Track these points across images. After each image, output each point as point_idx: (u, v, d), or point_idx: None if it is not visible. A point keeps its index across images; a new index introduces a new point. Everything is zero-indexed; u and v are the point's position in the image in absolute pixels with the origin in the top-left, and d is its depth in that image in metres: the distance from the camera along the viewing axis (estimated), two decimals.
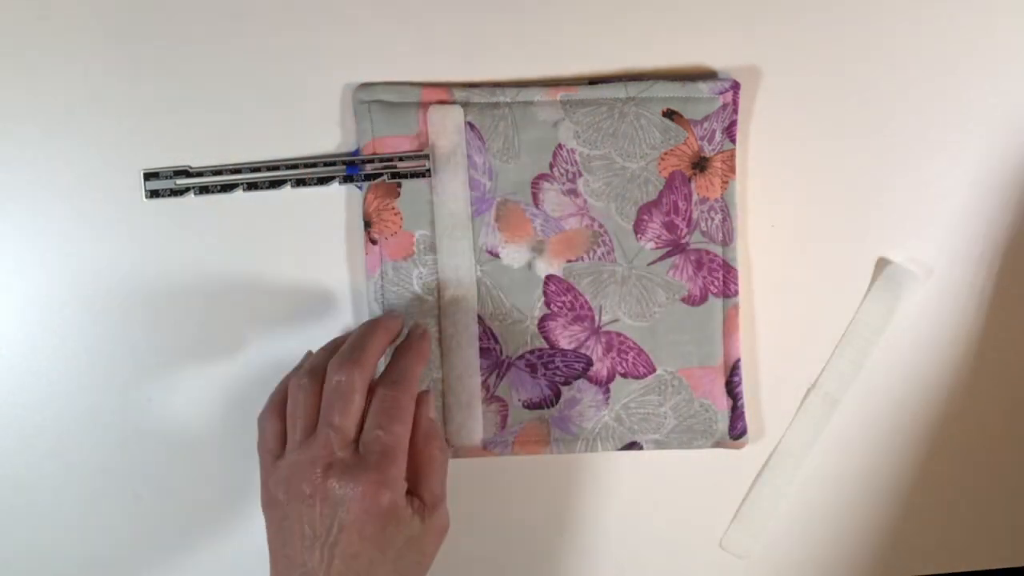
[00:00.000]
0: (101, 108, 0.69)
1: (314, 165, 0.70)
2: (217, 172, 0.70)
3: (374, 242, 0.70)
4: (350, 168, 0.70)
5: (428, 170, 0.70)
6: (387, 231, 0.71)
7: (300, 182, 0.70)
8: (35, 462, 0.72)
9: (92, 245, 0.71)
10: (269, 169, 0.70)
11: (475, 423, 0.72)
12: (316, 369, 0.63)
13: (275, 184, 0.70)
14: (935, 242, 0.73)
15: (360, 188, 0.70)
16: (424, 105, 0.70)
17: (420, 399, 0.65)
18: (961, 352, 0.75)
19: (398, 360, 0.66)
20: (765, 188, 0.72)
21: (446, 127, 0.70)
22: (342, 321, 0.72)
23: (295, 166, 0.70)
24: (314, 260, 0.72)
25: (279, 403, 0.65)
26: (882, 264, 0.73)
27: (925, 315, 0.74)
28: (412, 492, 0.63)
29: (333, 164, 0.70)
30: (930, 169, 0.73)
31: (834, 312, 0.74)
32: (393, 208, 0.70)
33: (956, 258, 0.74)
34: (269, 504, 0.62)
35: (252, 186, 0.70)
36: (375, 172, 0.70)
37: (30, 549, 0.72)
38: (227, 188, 0.70)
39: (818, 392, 0.74)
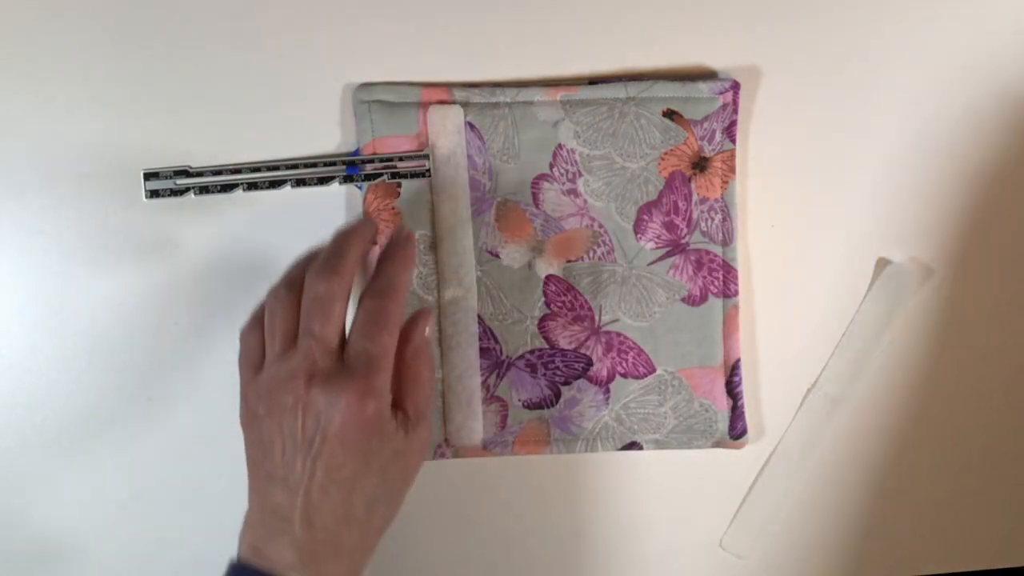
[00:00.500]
0: (101, 108, 0.69)
1: (314, 165, 0.70)
2: (217, 172, 0.70)
3: (375, 243, 0.70)
4: (350, 168, 0.70)
5: (428, 170, 0.70)
6: (387, 231, 0.71)
7: (300, 182, 0.70)
8: (35, 462, 0.72)
9: (92, 245, 0.71)
10: (269, 169, 0.70)
11: (475, 423, 0.72)
12: (293, 280, 0.62)
13: (275, 184, 0.70)
14: (935, 242, 0.73)
15: (360, 188, 0.70)
16: (424, 105, 0.70)
17: (417, 315, 0.64)
18: (961, 352, 0.75)
19: (384, 268, 0.64)
20: (765, 188, 0.72)
21: (446, 127, 0.70)
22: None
23: (295, 166, 0.70)
24: None
25: (261, 318, 0.63)
26: (882, 264, 0.73)
27: (925, 315, 0.74)
28: (396, 405, 0.61)
29: (333, 164, 0.70)
30: (930, 169, 0.73)
31: (834, 312, 0.74)
32: (393, 208, 0.70)
33: (956, 258, 0.74)
34: (249, 420, 0.61)
35: (252, 186, 0.70)
36: (375, 172, 0.70)
37: (30, 549, 0.72)
38: (227, 188, 0.70)
39: (818, 392, 0.74)
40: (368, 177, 0.70)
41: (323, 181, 0.70)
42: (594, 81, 0.70)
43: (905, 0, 0.71)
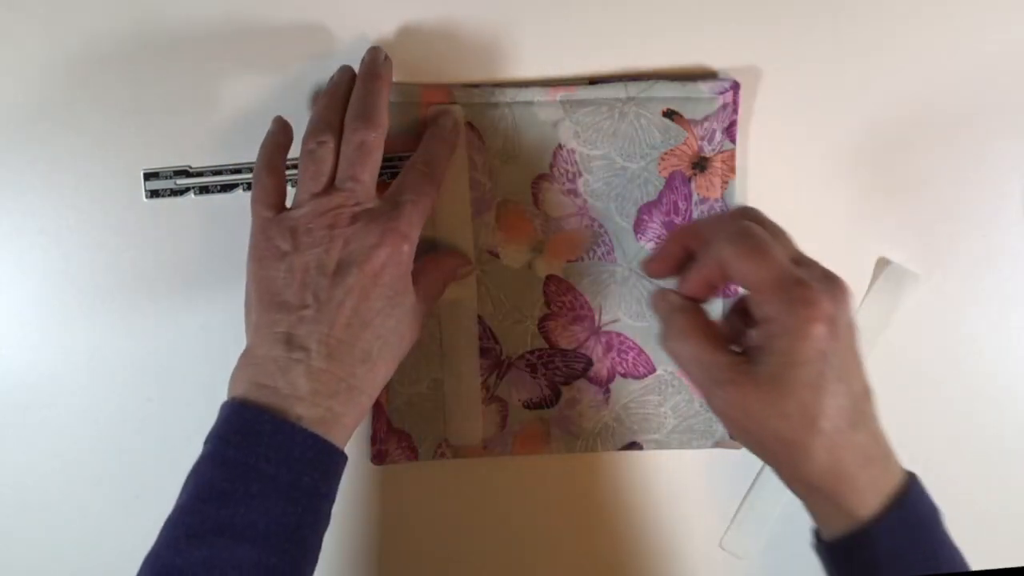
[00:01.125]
0: (102, 108, 0.69)
1: None
2: (217, 172, 0.70)
3: None
4: None
5: None
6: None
7: None
8: (35, 462, 0.72)
9: (92, 245, 0.71)
10: None
11: (475, 423, 0.72)
12: (332, 125, 0.63)
13: None
14: (935, 242, 0.74)
15: None
16: (424, 105, 0.69)
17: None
18: (961, 352, 0.75)
19: (429, 145, 0.67)
20: (765, 188, 0.72)
21: (448, 128, 0.69)
22: None
23: (295, 166, 0.70)
24: None
25: (276, 160, 0.65)
26: (882, 264, 0.73)
27: (925, 315, 0.74)
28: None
29: None
30: (930, 169, 0.73)
31: None
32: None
33: (956, 258, 0.74)
34: (264, 256, 0.61)
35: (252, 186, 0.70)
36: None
37: (30, 549, 0.72)
38: (227, 188, 0.70)
39: None
40: None
41: None
42: (594, 81, 0.70)
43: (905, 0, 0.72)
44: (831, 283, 0.55)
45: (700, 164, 0.70)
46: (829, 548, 0.59)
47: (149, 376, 0.71)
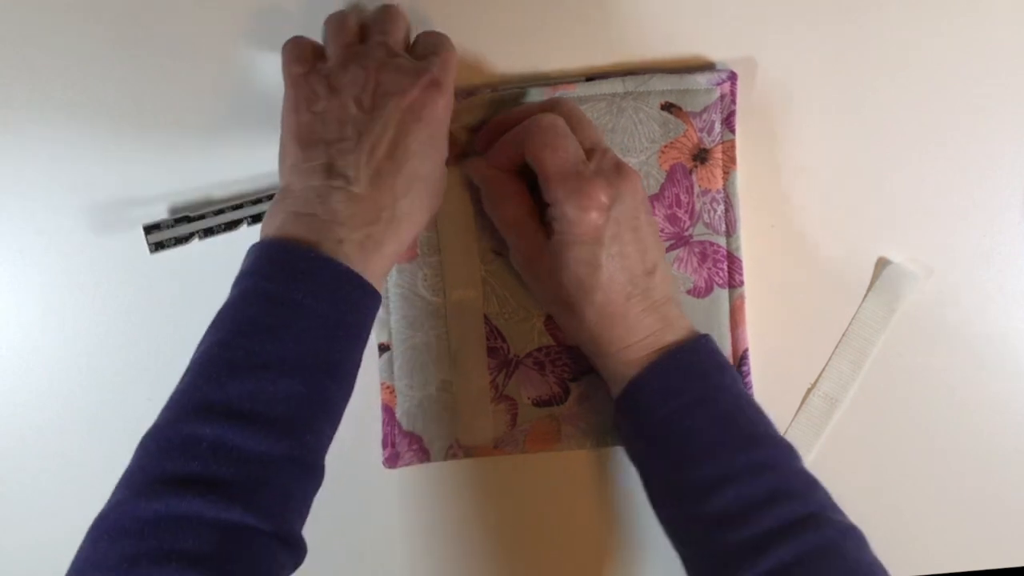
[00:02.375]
0: (102, 109, 0.70)
1: None
2: (219, 212, 0.70)
3: None
4: None
5: None
6: None
7: None
8: (35, 462, 0.71)
9: (92, 244, 0.71)
10: (271, 199, 0.70)
11: (485, 422, 0.71)
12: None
13: None
14: (935, 242, 0.74)
15: None
16: None
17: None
18: (961, 352, 0.75)
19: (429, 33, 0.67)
20: (765, 187, 0.73)
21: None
22: None
23: (269, 197, 0.70)
24: None
25: (301, 39, 0.65)
26: (882, 264, 0.74)
27: (925, 315, 0.74)
28: None
29: None
30: (930, 168, 0.73)
31: (834, 312, 0.74)
32: None
33: (956, 258, 0.74)
34: (302, 104, 0.62)
35: (256, 219, 0.70)
36: None
37: (30, 549, 0.71)
38: (232, 226, 0.70)
39: (818, 392, 0.74)
40: None
41: None
42: (591, 78, 0.70)
43: None
44: (615, 173, 0.62)
45: (701, 156, 0.71)
46: (616, 404, 0.65)
47: (149, 376, 0.71)
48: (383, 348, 0.71)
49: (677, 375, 0.62)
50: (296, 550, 0.56)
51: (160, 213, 0.71)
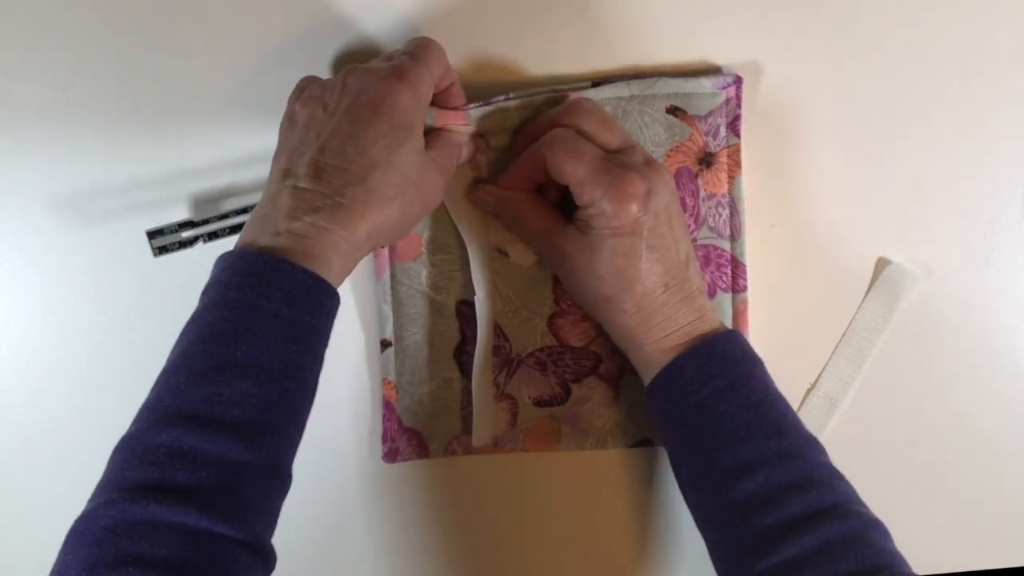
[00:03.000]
0: (102, 109, 0.69)
1: None
2: (223, 216, 0.69)
3: (381, 245, 0.70)
4: None
5: None
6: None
7: None
8: (35, 462, 0.71)
9: (91, 245, 0.70)
10: None
11: (487, 421, 0.71)
12: None
13: None
14: (935, 242, 0.74)
15: None
16: (440, 127, 0.68)
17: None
18: (961, 352, 0.75)
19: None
20: (765, 187, 0.73)
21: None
22: (347, 319, 0.73)
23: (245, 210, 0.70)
24: None
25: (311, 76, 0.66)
26: (882, 264, 0.74)
27: (925, 315, 0.74)
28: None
29: None
30: (931, 168, 0.73)
31: (834, 312, 0.74)
32: None
33: (956, 258, 0.74)
34: (284, 125, 0.64)
35: None
36: None
37: (30, 549, 0.71)
38: (236, 229, 0.69)
39: (818, 392, 0.74)
40: None
41: None
42: (597, 82, 0.70)
43: None
44: (648, 167, 0.63)
45: (706, 160, 0.71)
46: (649, 390, 0.66)
47: (149, 376, 0.70)
48: (385, 344, 0.71)
49: (710, 362, 0.63)
50: (262, 555, 0.55)
51: (161, 213, 0.70)
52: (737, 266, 0.71)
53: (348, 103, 0.60)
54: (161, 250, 0.69)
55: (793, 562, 0.57)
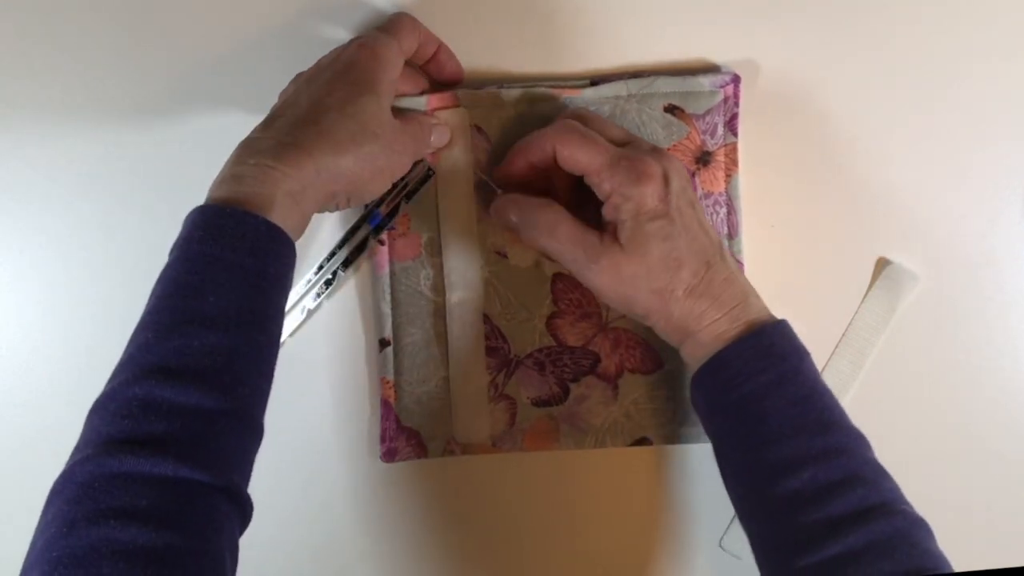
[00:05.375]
0: (101, 109, 0.70)
1: (345, 242, 0.71)
2: None
3: (381, 243, 0.70)
4: (372, 220, 0.71)
5: (430, 169, 0.70)
6: (395, 232, 0.71)
7: (347, 263, 0.72)
8: (35, 462, 0.70)
9: (92, 245, 0.71)
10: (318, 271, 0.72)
11: (482, 423, 0.71)
12: None
13: (328, 283, 0.72)
14: (935, 242, 0.74)
15: (391, 229, 0.71)
16: (431, 110, 0.70)
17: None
18: (961, 352, 0.75)
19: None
20: (765, 187, 0.73)
21: (452, 130, 0.70)
22: (346, 318, 0.73)
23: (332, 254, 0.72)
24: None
25: None
26: (882, 264, 0.74)
27: (925, 315, 0.74)
28: None
29: (357, 229, 0.71)
30: (930, 168, 0.73)
31: (834, 312, 0.74)
32: (404, 213, 0.71)
33: (956, 258, 0.74)
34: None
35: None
36: (393, 206, 0.71)
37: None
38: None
39: None
40: (391, 215, 0.70)
41: (360, 249, 0.71)
42: (595, 82, 0.70)
43: None
44: (657, 152, 0.64)
45: (703, 158, 0.71)
46: (696, 381, 0.65)
47: None
48: (383, 343, 0.72)
49: (758, 355, 0.62)
50: (240, 504, 0.55)
51: (161, 214, 0.70)
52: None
53: (313, 73, 0.63)
54: None
55: (836, 561, 0.57)
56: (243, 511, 0.55)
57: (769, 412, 0.61)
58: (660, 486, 0.74)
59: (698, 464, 0.74)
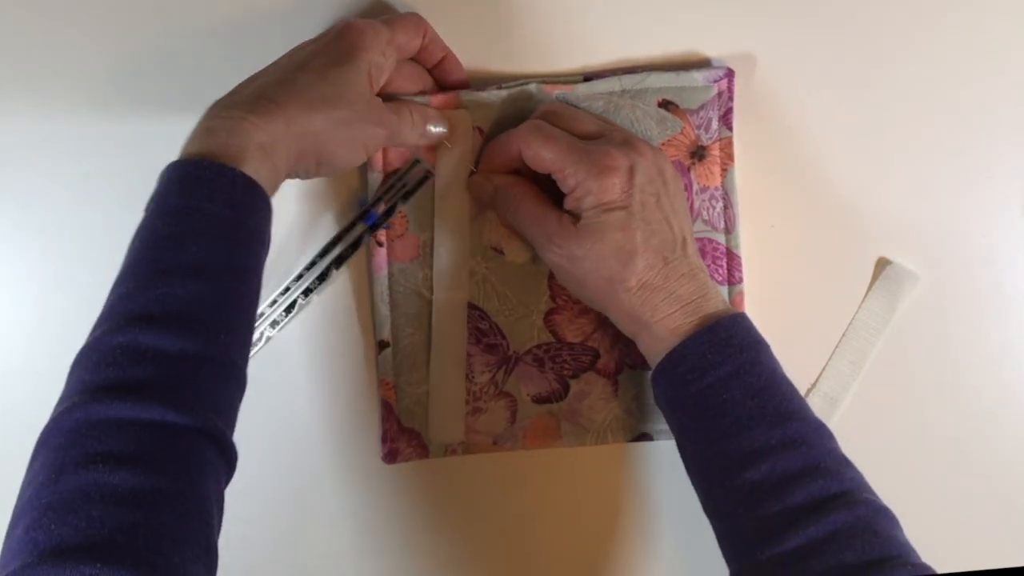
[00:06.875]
0: (101, 110, 0.70)
1: (338, 239, 0.71)
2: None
3: (380, 244, 0.71)
4: (368, 219, 0.71)
5: (429, 171, 0.71)
6: (393, 233, 0.71)
7: (340, 260, 0.71)
8: None
9: (92, 245, 0.71)
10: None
11: (456, 424, 0.71)
12: None
13: (322, 278, 0.71)
14: (935, 242, 0.74)
15: (387, 228, 0.71)
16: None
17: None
18: (961, 352, 0.75)
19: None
20: (764, 185, 0.73)
21: (454, 131, 0.70)
22: (346, 319, 0.73)
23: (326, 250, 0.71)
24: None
25: None
26: (882, 264, 0.74)
27: (925, 315, 0.74)
28: None
29: (352, 227, 0.71)
30: (930, 168, 0.73)
31: (834, 312, 0.74)
32: (400, 211, 0.71)
33: (956, 258, 0.74)
34: None
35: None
36: (389, 205, 0.71)
37: None
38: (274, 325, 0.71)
39: (818, 393, 0.74)
40: (387, 214, 0.71)
41: (355, 247, 0.71)
42: (589, 77, 0.71)
43: None
44: (627, 145, 0.65)
45: (698, 153, 0.71)
46: (654, 377, 0.65)
47: None
48: (383, 345, 0.71)
49: (715, 348, 0.62)
50: (226, 451, 0.55)
51: None
52: (732, 258, 0.72)
53: (298, 47, 0.64)
54: None
55: (798, 552, 0.56)
56: (228, 459, 0.55)
57: (727, 404, 0.61)
58: (662, 481, 0.74)
59: None
